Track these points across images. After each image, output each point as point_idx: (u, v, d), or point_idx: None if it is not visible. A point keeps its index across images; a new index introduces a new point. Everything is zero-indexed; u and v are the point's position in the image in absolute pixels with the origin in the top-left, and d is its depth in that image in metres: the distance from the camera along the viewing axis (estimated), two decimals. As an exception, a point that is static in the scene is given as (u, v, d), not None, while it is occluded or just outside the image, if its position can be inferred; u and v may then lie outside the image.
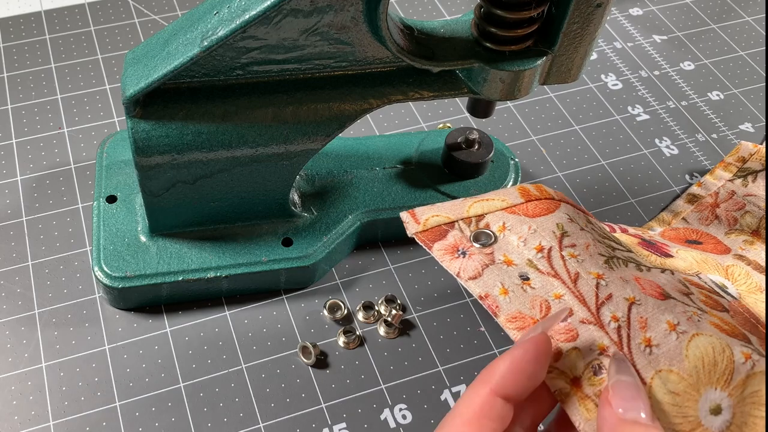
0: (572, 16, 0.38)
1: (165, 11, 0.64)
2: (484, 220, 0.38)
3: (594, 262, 0.35)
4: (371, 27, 0.37)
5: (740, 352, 0.30)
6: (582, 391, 0.31)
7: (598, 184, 0.53)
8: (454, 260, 0.36)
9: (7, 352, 0.43)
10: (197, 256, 0.44)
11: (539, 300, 0.34)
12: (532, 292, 0.35)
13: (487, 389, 0.29)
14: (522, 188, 0.39)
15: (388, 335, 0.44)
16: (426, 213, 0.38)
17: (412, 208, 0.38)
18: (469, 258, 0.36)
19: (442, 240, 0.37)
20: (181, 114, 0.39)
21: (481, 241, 0.37)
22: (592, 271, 0.35)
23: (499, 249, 0.37)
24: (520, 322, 0.34)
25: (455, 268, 0.36)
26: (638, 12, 0.66)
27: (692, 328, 0.31)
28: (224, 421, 0.41)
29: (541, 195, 0.39)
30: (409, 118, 0.56)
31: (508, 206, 0.38)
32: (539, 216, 0.37)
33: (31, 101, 0.56)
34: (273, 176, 0.42)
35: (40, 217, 0.49)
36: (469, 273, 0.36)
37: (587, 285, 0.34)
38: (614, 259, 0.36)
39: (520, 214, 0.37)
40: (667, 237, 0.48)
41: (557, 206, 0.38)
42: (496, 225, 0.37)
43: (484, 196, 0.38)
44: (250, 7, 0.35)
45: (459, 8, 0.65)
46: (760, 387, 0.29)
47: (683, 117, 0.58)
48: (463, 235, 0.37)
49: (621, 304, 0.33)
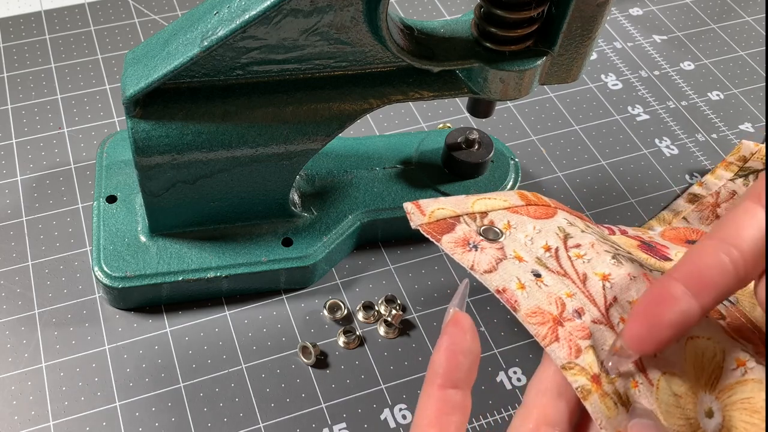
0: (572, 16, 0.38)
1: (165, 11, 0.64)
2: (488, 218, 0.37)
3: (601, 260, 0.35)
4: (371, 27, 0.37)
5: (735, 358, 0.30)
6: (602, 389, 0.31)
7: (598, 184, 0.53)
8: (467, 253, 0.35)
9: (7, 352, 0.43)
10: (197, 256, 0.44)
11: (554, 296, 0.34)
12: (546, 289, 0.34)
13: (435, 386, 0.29)
14: (521, 193, 0.39)
15: (388, 335, 0.44)
16: (432, 205, 0.37)
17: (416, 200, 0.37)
18: (481, 252, 0.35)
19: (451, 233, 0.36)
20: (181, 114, 0.39)
21: (489, 237, 0.36)
22: (598, 272, 0.35)
23: (508, 245, 0.36)
24: (539, 317, 0.34)
25: (468, 261, 0.35)
26: (638, 12, 0.66)
27: (693, 329, 0.31)
28: (224, 421, 0.41)
29: (538, 201, 0.39)
30: (409, 118, 0.56)
31: (510, 206, 0.38)
32: (540, 218, 0.37)
33: (31, 101, 0.56)
34: (273, 176, 0.42)
35: (40, 217, 0.49)
36: (483, 266, 0.35)
37: (595, 286, 0.34)
38: (620, 256, 0.36)
39: (522, 214, 0.37)
40: (668, 237, 0.48)
41: (555, 212, 0.38)
42: (501, 223, 0.37)
43: (485, 195, 0.38)
44: (250, 7, 0.35)
45: (459, 8, 0.65)
46: (753, 394, 0.29)
47: (683, 117, 0.58)
48: (470, 229, 0.36)
49: (626, 307, 0.33)
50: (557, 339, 0.34)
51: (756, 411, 0.29)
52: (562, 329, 0.34)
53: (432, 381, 0.29)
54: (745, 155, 0.52)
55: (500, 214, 0.37)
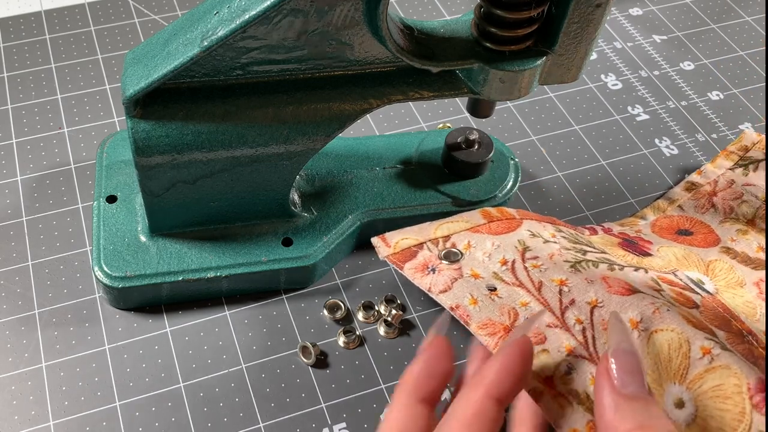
0: (572, 16, 0.38)
1: (165, 11, 0.64)
2: (450, 241, 0.40)
3: (558, 269, 0.38)
4: (371, 27, 0.37)
5: (699, 347, 0.31)
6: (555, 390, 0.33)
7: (598, 184, 0.53)
8: (425, 276, 0.39)
9: (7, 352, 0.43)
10: (197, 256, 0.44)
11: (507, 308, 0.36)
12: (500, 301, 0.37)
13: (481, 392, 0.29)
14: (484, 211, 0.42)
15: (388, 335, 0.44)
16: (396, 237, 0.41)
17: (383, 234, 0.41)
18: (438, 273, 0.39)
19: (413, 260, 0.39)
20: (181, 114, 0.39)
21: (449, 259, 0.39)
22: (555, 278, 0.37)
23: (466, 264, 0.39)
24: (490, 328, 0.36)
25: (426, 283, 0.39)
26: (638, 12, 0.66)
27: (656, 323, 0.32)
28: (224, 421, 0.41)
29: (502, 216, 0.42)
30: (409, 118, 0.56)
31: (471, 227, 0.41)
32: (501, 234, 0.40)
33: (31, 101, 0.56)
34: (273, 176, 0.42)
35: (40, 217, 0.49)
36: (439, 287, 0.38)
37: (551, 292, 0.37)
38: (583, 263, 0.38)
39: (483, 232, 0.40)
40: (659, 226, 0.48)
41: (519, 224, 0.41)
42: (461, 244, 0.40)
43: (449, 219, 0.41)
44: (250, 7, 0.35)
45: (459, 8, 0.65)
46: (723, 381, 0.30)
47: (683, 117, 0.58)
48: (431, 254, 0.40)
49: (584, 308, 0.35)
50: None
51: (728, 397, 0.30)
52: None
53: (479, 384, 0.29)
54: (747, 144, 0.52)
55: (462, 235, 0.41)
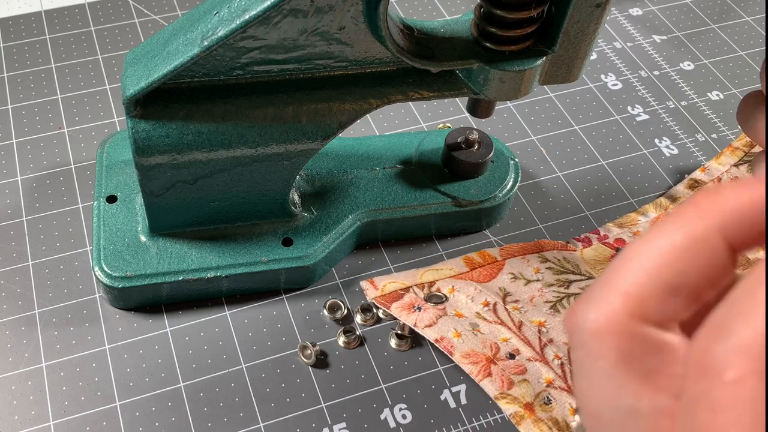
0: (572, 16, 0.38)
1: (165, 11, 0.64)
2: (435, 286, 0.44)
3: (537, 311, 0.41)
4: (371, 27, 0.37)
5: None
6: (535, 415, 0.35)
7: (598, 184, 0.53)
8: (411, 314, 0.42)
9: (7, 352, 0.43)
10: (197, 256, 0.44)
11: (489, 341, 0.39)
12: (482, 336, 0.40)
13: (712, 221, 0.18)
14: (467, 258, 0.45)
15: (401, 347, 0.43)
16: (383, 280, 0.44)
17: (372, 277, 0.45)
18: (424, 311, 0.42)
19: (400, 300, 0.43)
20: (181, 114, 0.39)
21: (433, 301, 0.42)
22: (534, 320, 0.41)
23: (450, 305, 0.42)
24: (473, 357, 0.39)
25: (412, 320, 0.42)
26: (638, 12, 0.66)
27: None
28: (224, 421, 0.41)
29: (484, 261, 0.45)
30: (409, 118, 0.56)
31: (455, 274, 0.44)
32: (483, 282, 0.44)
33: (31, 101, 0.56)
34: (273, 176, 0.42)
35: (40, 217, 0.49)
36: (425, 322, 0.41)
37: (530, 331, 0.40)
38: (564, 300, 0.42)
39: (466, 279, 0.44)
40: None
41: (501, 267, 0.44)
42: (445, 288, 0.43)
43: (434, 266, 0.45)
44: (250, 7, 0.35)
45: (459, 8, 0.65)
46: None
47: (683, 117, 0.58)
48: (417, 296, 0.43)
49: (561, 347, 0.38)
50: (489, 375, 0.40)
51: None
52: (495, 366, 0.40)
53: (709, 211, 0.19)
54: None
55: (446, 281, 0.44)
